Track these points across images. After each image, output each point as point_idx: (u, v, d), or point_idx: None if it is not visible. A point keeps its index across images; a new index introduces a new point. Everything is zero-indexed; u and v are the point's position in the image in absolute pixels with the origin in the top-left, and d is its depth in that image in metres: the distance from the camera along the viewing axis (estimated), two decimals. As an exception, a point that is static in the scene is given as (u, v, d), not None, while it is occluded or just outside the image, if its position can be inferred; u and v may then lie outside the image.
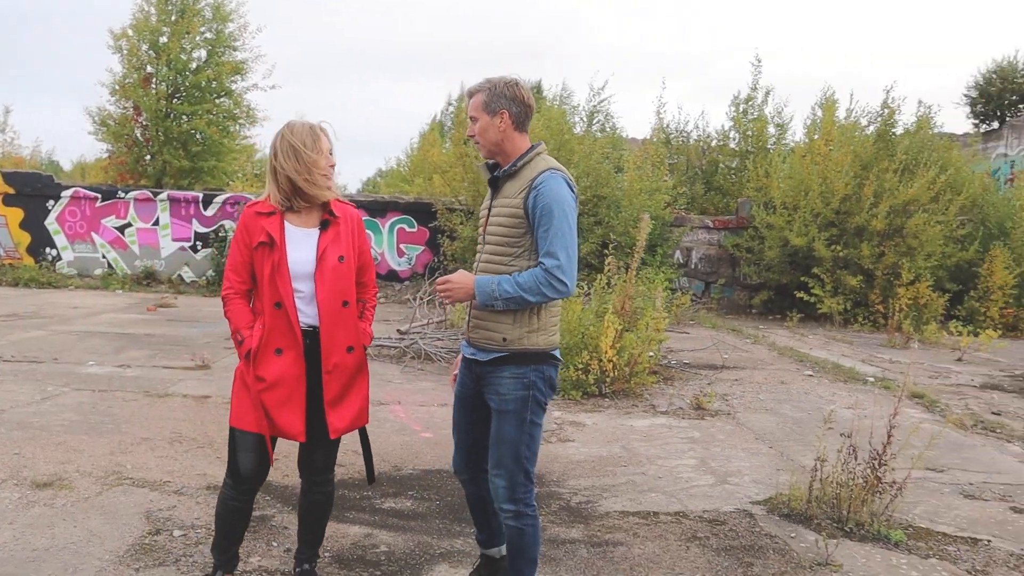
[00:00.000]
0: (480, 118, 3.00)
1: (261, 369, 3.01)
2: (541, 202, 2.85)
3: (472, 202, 13.88)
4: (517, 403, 2.97)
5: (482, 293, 2.91)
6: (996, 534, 4.34)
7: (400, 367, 8.39)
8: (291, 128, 3.09)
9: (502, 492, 2.98)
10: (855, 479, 4.31)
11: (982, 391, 8.71)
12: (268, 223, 3.06)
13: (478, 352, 3.07)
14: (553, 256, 2.84)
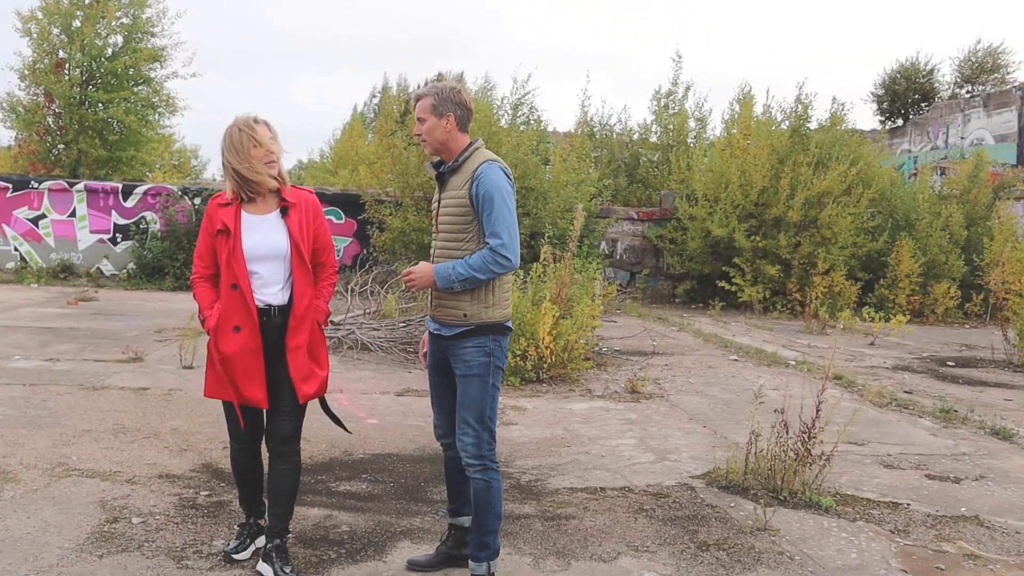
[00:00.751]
0: (428, 119, 3.29)
1: (222, 345, 3.26)
2: (482, 190, 3.16)
3: (401, 194, 13.88)
4: (480, 368, 3.28)
5: (441, 279, 3.22)
6: (914, 498, 4.70)
7: (338, 357, 8.39)
8: (233, 123, 3.35)
9: (470, 448, 3.27)
10: (787, 452, 4.60)
11: (894, 372, 9.27)
12: (225, 213, 3.31)
13: (443, 328, 3.36)
14: (496, 236, 3.16)
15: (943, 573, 3.70)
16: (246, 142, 3.27)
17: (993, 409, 7.25)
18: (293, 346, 3.31)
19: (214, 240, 3.31)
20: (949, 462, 5.50)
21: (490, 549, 3.27)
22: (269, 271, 3.29)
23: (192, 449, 4.93)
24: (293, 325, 3.32)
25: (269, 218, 3.35)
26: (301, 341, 3.33)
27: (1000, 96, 31.95)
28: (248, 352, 3.23)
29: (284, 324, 3.32)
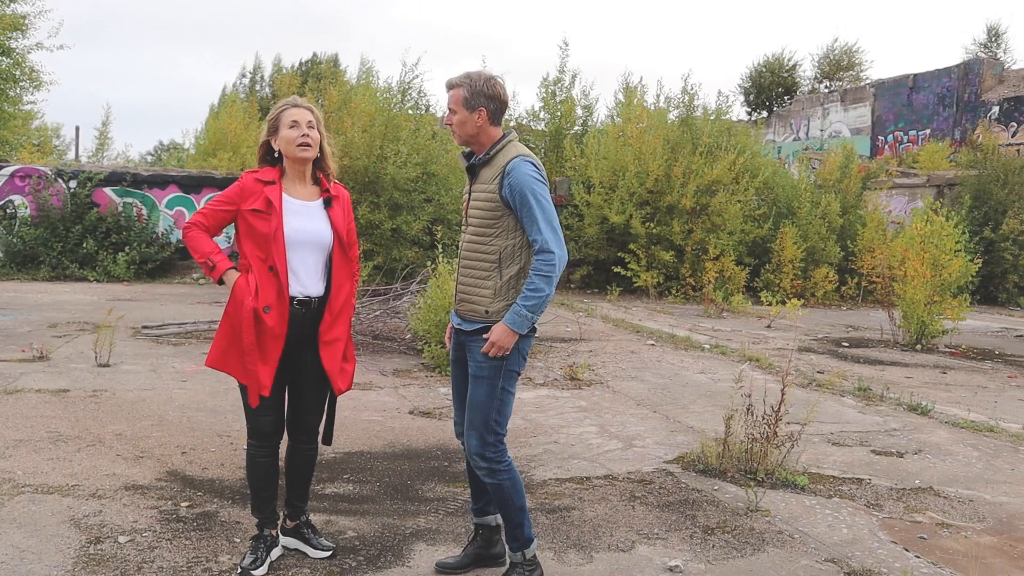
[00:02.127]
0: (459, 112, 3.17)
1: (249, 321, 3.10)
2: (515, 188, 3.08)
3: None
4: (491, 370, 3.18)
5: (518, 324, 3.08)
6: (871, 474, 4.98)
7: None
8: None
9: (474, 448, 3.20)
10: (760, 435, 4.76)
11: (800, 354, 9.79)
12: (269, 191, 3.14)
13: (464, 322, 3.27)
14: (537, 240, 3.07)
15: (926, 542, 3.94)
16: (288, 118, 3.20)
17: (899, 386, 7.80)
18: (329, 339, 3.21)
19: (235, 214, 3.13)
20: (885, 438, 5.86)
21: (520, 540, 3.24)
22: (309, 259, 3.17)
23: (149, 456, 4.56)
24: (329, 318, 3.21)
25: (313, 206, 3.23)
26: (339, 334, 3.24)
27: (856, 92, 34.31)
28: (271, 336, 3.08)
29: (319, 316, 3.20)
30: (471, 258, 3.24)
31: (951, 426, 6.30)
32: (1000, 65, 31.71)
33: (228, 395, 6.09)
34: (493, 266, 3.17)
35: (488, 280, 3.19)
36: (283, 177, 3.20)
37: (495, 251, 3.16)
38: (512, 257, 3.18)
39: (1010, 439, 5.97)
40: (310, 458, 3.43)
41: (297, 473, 3.42)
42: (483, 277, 3.19)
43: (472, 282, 3.23)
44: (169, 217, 14.69)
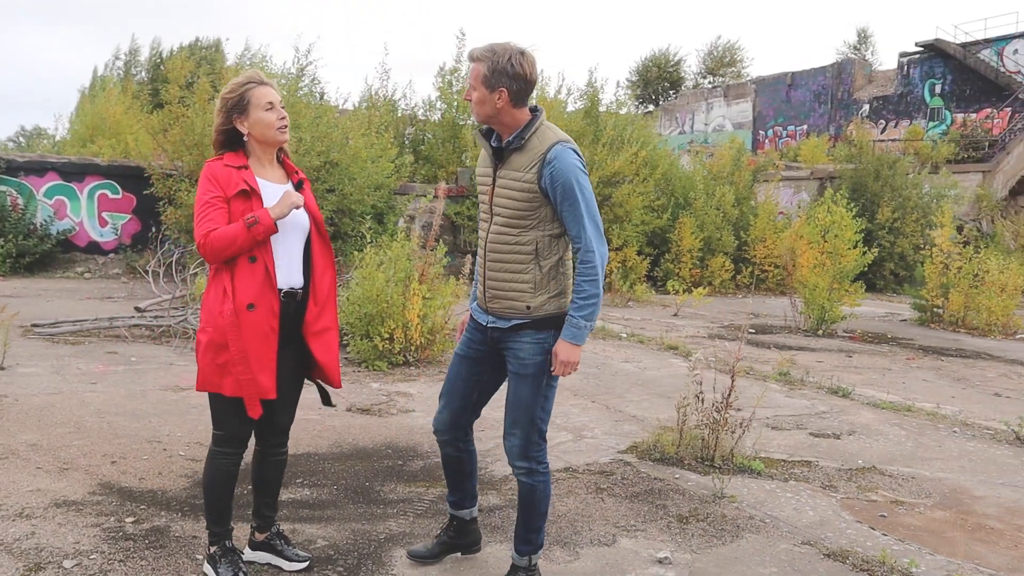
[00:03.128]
0: (478, 90, 2.89)
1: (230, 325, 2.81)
2: (559, 179, 2.84)
3: (196, 167, 12.60)
4: (536, 367, 3.00)
5: (580, 337, 2.91)
6: (816, 456, 5.10)
7: (169, 348, 7.49)
8: (250, 79, 2.99)
9: (516, 450, 3.02)
10: (712, 422, 4.79)
11: (712, 340, 10.03)
12: (243, 175, 2.86)
13: (498, 320, 3.04)
14: (579, 239, 2.87)
15: (887, 520, 4.05)
16: (263, 99, 2.90)
17: (813, 370, 8.09)
18: (319, 328, 2.96)
19: (229, 203, 2.81)
20: (818, 421, 6.04)
21: (534, 544, 3.11)
22: (293, 248, 2.92)
23: (74, 467, 4.13)
24: (316, 308, 2.96)
25: (285, 188, 2.97)
26: (328, 323, 3.00)
27: (738, 88, 35.74)
28: (261, 335, 2.79)
29: (303, 308, 2.94)
30: (502, 251, 2.98)
31: (872, 407, 6.57)
32: (869, 66, 33.75)
33: (147, 397, 5.63)
34: (530, 258, 2.95)
35: (525, 274, 2.96)
36: (250, 161, 2.93)
37: (530, 242, 2.93)
38: (549, 248, 2.97)
39: (928, 418, 6.27)
40: (280, 463, 3.17)
41: (266, 481, 3.14)
42: (519, 271, 2.96)
43: (506, 277, 2.97)
44: (48, 207, 13.57)
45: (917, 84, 30.46)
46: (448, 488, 3.40)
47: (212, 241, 2.73)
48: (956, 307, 12.55)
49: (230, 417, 2.89)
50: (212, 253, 2.76)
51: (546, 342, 2.96)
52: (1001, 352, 10.36)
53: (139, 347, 7.47)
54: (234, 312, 2.75)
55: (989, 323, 12.15)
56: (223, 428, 2.92)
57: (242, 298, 2.77)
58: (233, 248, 2.75)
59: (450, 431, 3.26)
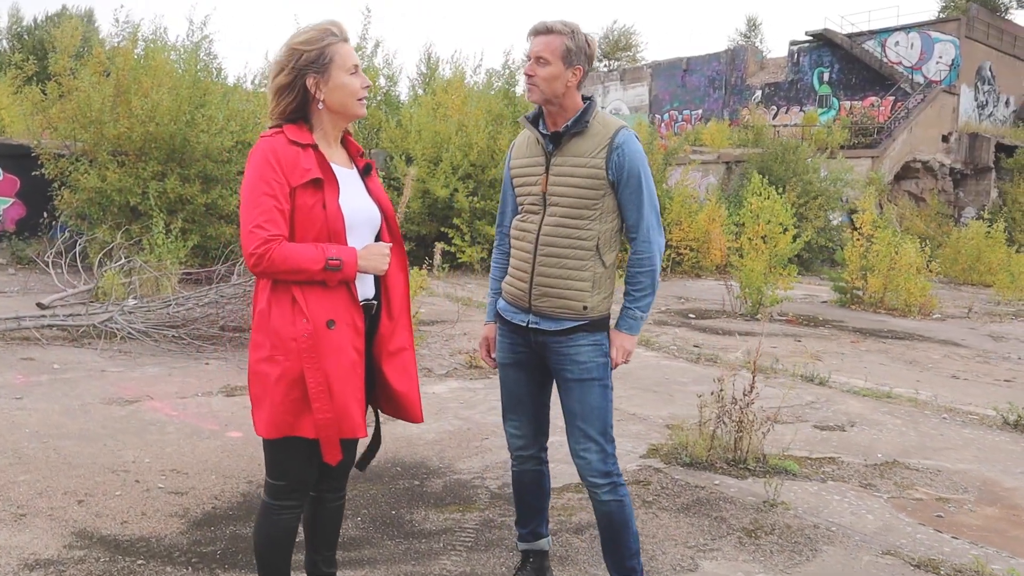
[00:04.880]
0: (553, 64, 2.62)
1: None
2: (627, 165, 2.65)
3: (93, 147, 11.37)
4: (600, 369, 2.75)
5: (636, 328, 2.79)
6: (835, 451, 4.92)
7: (93, 351, 6.60)
8: (330, 29, 2.36)
9: (595, 465, 2.73)
10: (740, 422, 4.50)
11: (659, 327, 9.87)
12: (309, 157, 2.26)
13: (545, 321, 2.74)
14: (638, 227, 2.69)
15: (945, 520, 3.87)
16: (349, 60, 2.30)
17: (771, 356, 8.01)
18: (395, 348, 2.40)
19: (293, 195, 2.19)
20: (812, 412, 5.89)
21: (637, 573, 2.77)
22: (360, 245, 2.32)
23: (33, 512, 3.40)
24: (390, 322, 2.39)
25: (353, 174, 2.40)
26: (404, 342, 2.43)
27: (634, 72, 36.11)
28: (347, 360, 2.22)
29: (374, 322, 2.39)
30: (559, 245, 2.68)
31: (854, 395, 6.50)
32: (761, 53, 34.77)
33: (90, 413, 4.85)
34: (590, 254, 2.67)
35: (584, 271, 2.67)
36: (315, 137, 2.33)
37: (592, 236, 2.67)
38: (610, 243, 2.71)
39: (911, 405, 6.24)
40: (339, 510, 2.59)
41: (324, 533, 2.56)
42: (578, 268, 2.67)
43: (562, 273, 2.68)
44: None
45: (806, 72, 31.57)
46: (519, 517, 3.04)
47: (274, 261, 2.12)
48: (876, 289, 12.92)
49: (299, 463, 2.29)
50: (267, 272, 2.16)
51: (603, 343, 2.74)
52: (929, 333, 10.67)
53: (57, 351, 6.55)
54: (313, 333, 2.17)
55: (908, 304, 12.56)
56: (287, 476, 2.31)
57: (319, 313, 2.18)
58: (294, 278, 2.17)
59: (534, 445, 2.96)
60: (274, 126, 2.29)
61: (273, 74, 2.28)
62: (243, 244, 2.14)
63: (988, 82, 30.97)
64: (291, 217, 2.20)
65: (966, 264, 19.53)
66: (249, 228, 2.13)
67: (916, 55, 29.80)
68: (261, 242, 2.12)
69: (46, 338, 6.95)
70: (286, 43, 2.27)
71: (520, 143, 2.87)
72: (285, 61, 2.26)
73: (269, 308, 2.19)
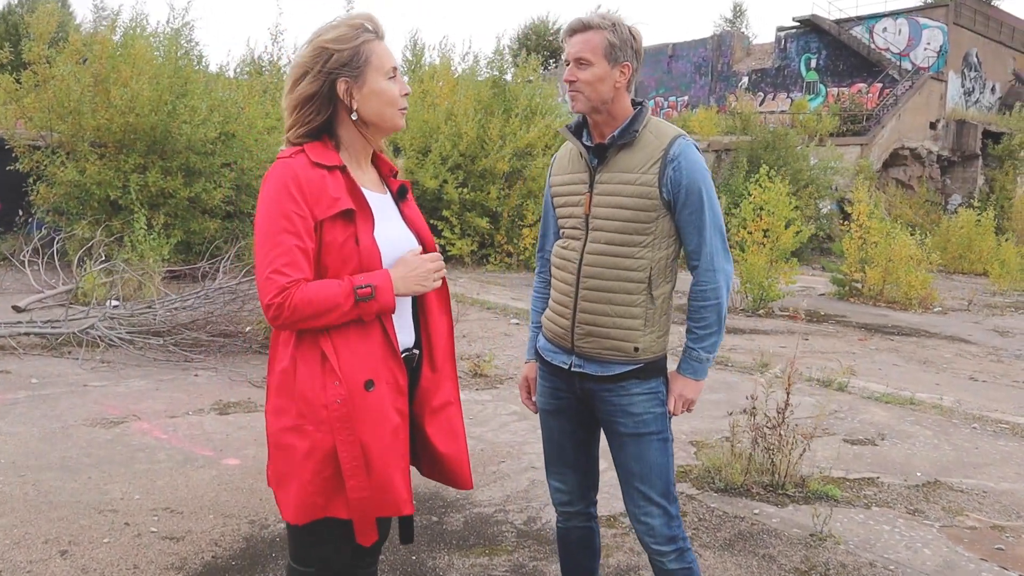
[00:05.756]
0: (596, 64, 2.26)
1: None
2: (686, 182, 2.26)
3: (70, 139, 10.85)
4: (658, 422, 2.39)
5: (702, 372, 2.38)
6: (872, 469, 4.64)
7: (74, 362, 6.20)
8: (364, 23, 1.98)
9: (660, 531, 2.39)
10: (775, 442, 4.21)
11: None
12: (338, 183, 1.89)
13: (590, 364, 2.38)
14: (700, 252, 2.31)
15: (1007, 553, 3.60)
16: (387, 61, 1.94)
17: (781, 357, 7.74)
18: (439, 404, 2.05)
19: (320, 229, 1.83)
20: (838, 422, 5.61)
21: None
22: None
23: (13, 570, 3.03)
24: (432, 374, 2.05)
25: (387, 200, 2.04)
26: (450, 395, 2.09)
27: (621, 59, 35.72)
28: (389, 427, 1.86)
29: (415, 375, 2.03)
30: (605, 276, 2.31)
31: (877, 402, 6.23)
32: (747, 39, 34.46)
33: (72, 437, 4.47)
34: (642, 287, 2.30)
35: (635, 307, 2.31)
36: (343, 156, 1.96)
37: (644, 267, 2.29)
38: (664, 274, 2.34)
39: (937, 413, 5.98)
40: None
41: None
42: (628, 303, 2.31)
43: (609, 310, 2.32)
44: None
45: (793, 58, 31.32)
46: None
47: (296, 308, 1.76)
48: (875, 281, 12.71)
49: (330, 548, 1.94)
50: (289, 323, 1.80)
51: (659, 390, 2.37)
52: (935, 328, 10.47)
53: (36, 362, 6.14)
54: (348, 398, 1.81)
55: (908, 297, 12.36)
56: (316, 563, 1.95)
57: (355, 372, 1.83)
58: (324, 322, 1.81)
59: (581, 501, 2.60)
60: (295, 144, 1.92)
61: (294, 80, 1.90)
62: (259, 292, 1.78)
63: (975, 68, 30.88)
64: (317, 256, 1.84)
65: (956, 253, 19.43)
66: (265, 274, 1.77)
67: (904, 41, 29.62)
68: (279, 290, 1.76)
69: (23, 347, 6.53)
70: (310, 41, 1.90)
71: (561, 157, 2.51)
72: (311, 63, 1.89)
73: (294, 367, 1.84)
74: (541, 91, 16.77)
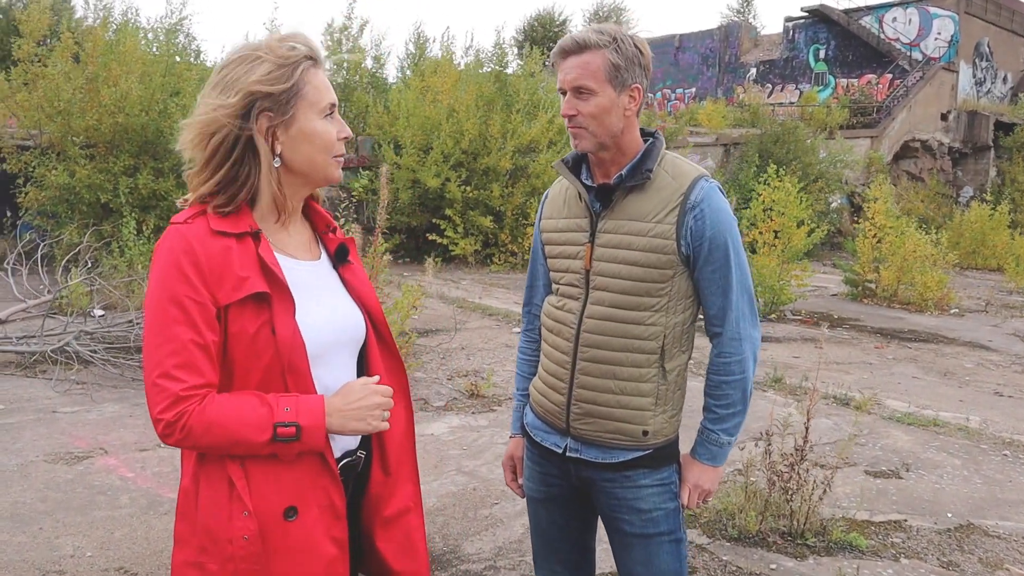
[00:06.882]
0: (600, 92, 1.85)
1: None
2: (708, 231, 1.88)
3: (60, 140, 10.51)
4: (669, 520, 2.00)
5: (721, 458, 2.01)
6: (898, 510, 4.27)
7: (46, 382, 5.87)
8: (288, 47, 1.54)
9: None
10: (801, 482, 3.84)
11: (671, 331, 9.19)
12: (246, 253, 1.47)
13: (589, 449, 1.99)
14: (724, 317, 1.93)
15: (1055, 622, 3.22)
16: (325, 95, 1.54)
17: (796, 370, 7.38)
18: (393, 513, 1.65)
19: (223, 321, 1.43)
20: (860, 450, 5.24)
21: None
22: (337, 376, 1.56)
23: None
24: (383, 476, 1.65)
25: (320, 268, 1.63)
26: (408, 500, 1.69)
27: (627, 50, 35.21)
28: (319, 563, 1.48)
29: (362, 478, 1.65)
30: (609, 346, 1.93)
31: (897, 423, 5.86)
32: (755, 30, 33.89)
33: (30, 477, 4.13)
34: (653, 359, 1.92)
35: (645, 383, 1.93)
36: (259, 217, 1.54)
37: (656, 335, 1.92)
38: (680, 342, 1.96)
39: (963, 436, 5.60)
40: None
41: None
42: (636, 378, 1.92)
43: (614, 385, 1.93)
44: None
45: (802, 49, 30.78)
46: None
47: (192, 432, 1.37)
48: (889, 282, 12.30)
49: None
50: (182, 445, 1.41)
51: (671, 481, 2.00)
52: (953, 332, 10.06)
53: (6, 384, 5.81)
54: (259, 533, 1.43)
55: (924, 298, 11.95)
56: None
57: (270, 499, 1.45)
58: (228, 452, 1.43)
59: None
60: (196, 202, 1.50)
61: (204, 131, 1.46)
62: (147, 400, 1.40)
63: (986, 58, 30.30)
64: (223, 350, 1.44)
65: (969, 248, 18.98)
66: (153, 378, 1.38)
67: (914, 31, 29.05)
68: (169, 402, 1.36)
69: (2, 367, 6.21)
70: (229, 80, 1.46)
71: (555, 196, 2.10)
72: (215, 97, 1.46)
73: (196, 489, 1.46)
74: (545, 85, 16.36)
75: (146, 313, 1.41)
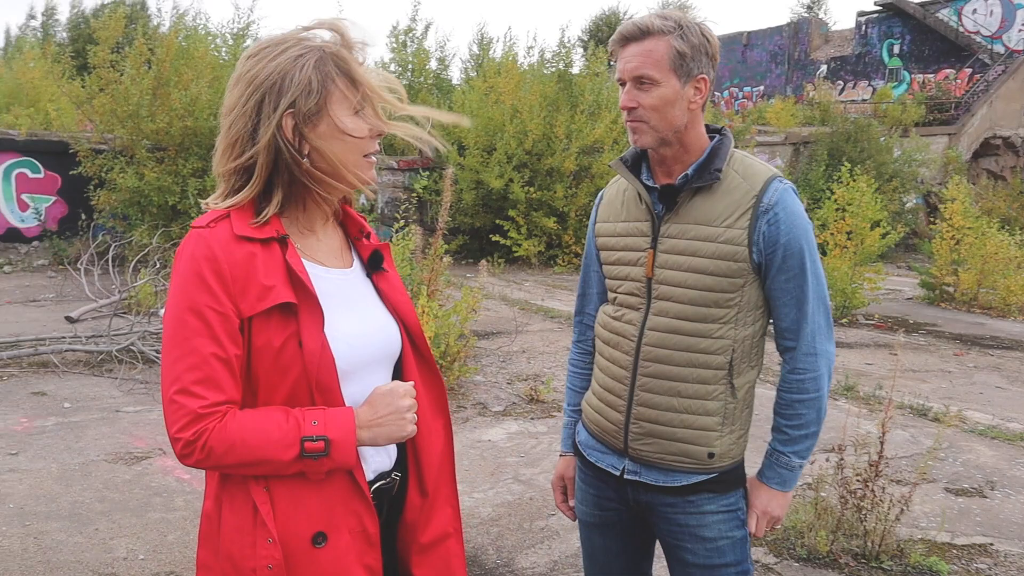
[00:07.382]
0: (664, 83, 1.70)
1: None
2: (783, 237, 1.73)
3: (131, 143, 10.80)
4: (736, 550, 1.84)
5: (791, 482, 1.85)
6: (983, 532, 3.99)
7: (112, 381, 5.98)
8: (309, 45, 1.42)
9: None
10: (876, 500, 3.62)
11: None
12: (271, 260, 1.36)
13: (649, 472, 1.84)
14: (799, 331, 1.77)
15: None
16: (344, 90, 1.39)
17: (869, 377, 7.06)
18: (430, 540, 1.53)
19: (246, 333, 1.33)
20: (939, 465, 4.95)
21: None
22: (365, 394, 1.43)
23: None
24: (419, 499, 1.53)
25: (352, 276, 1.51)
26: (447, 525, 1.56)
27: (693, 48, 34.69)
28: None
29: (397, 502, 1.52)
30: (673, 360, 1.78)
31: (980, 436, 5.52)
32: (825, 25, 32.99)
33: (90, 477, 4.18)
34: (720, 375, 1.77)
35: (712, 401, 1.78)
36: (288, 222, 1.44)
37: (724, 348, 1.76)
38: (749, 357, 1.80)
39: (1054, 451, 5.24)
40: None
41: None
42: (702, 395, 1.77)
43: (677, 403, 1.78)
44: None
45: (875, 44, 29.79)
46: None
47: (213, 452, 1.27)
48: (968, 285, 11.73)
49: None
50: (202, 466, 1.30)
51: (738, 507, 1.84)
52: (1040, 340, 9.52)
53: (74, 382, 5.93)
54: (283, 562, 1.32)
55: (1007, 302, 11.35)
56: None
57: (297, 525, 1.34)
58: (252, 472, 1.32)
59: None
60: (219, 207, 1.40)
61: (227, 115, 1.39)
62: (165, 417, 1.30)
63: (1075, 50, 28.82)
64: (247, 365, 1.34)
65: (1057, 250, 18.01)
66: (170, 394, 1.28)
67: (996, 23, 27.79)
68: (189, 420, 1.27)
69: (66, 363, 6.35)
70: (246, 73, 1.36)
71: (612, 197, 1.95)
72: (238, 93, 1.37)
73: (218, 513, 1.36)
74: (609, 84, 16.16)
75: (165, 324, 1.33)
